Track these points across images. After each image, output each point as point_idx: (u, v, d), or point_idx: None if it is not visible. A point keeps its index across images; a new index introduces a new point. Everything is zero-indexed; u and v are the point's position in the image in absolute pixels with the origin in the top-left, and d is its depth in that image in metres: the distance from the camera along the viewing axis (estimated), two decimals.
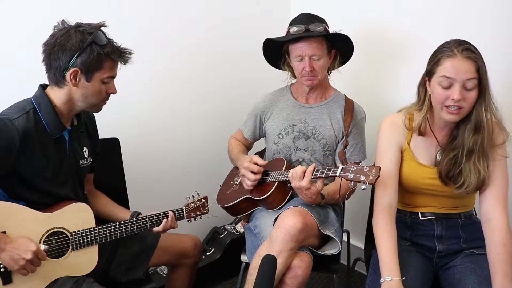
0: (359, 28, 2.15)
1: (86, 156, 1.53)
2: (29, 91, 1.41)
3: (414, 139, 1.53)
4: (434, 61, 1.39)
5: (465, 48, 1.34)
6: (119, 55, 1.38)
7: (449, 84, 1.35)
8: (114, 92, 1.43)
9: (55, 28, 1.36)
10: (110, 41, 1.36)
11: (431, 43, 1.45)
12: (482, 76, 1.34)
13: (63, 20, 1.36)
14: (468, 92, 1.35)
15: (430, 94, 1.44)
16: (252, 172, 1.75)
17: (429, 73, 1.42)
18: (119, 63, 1.40)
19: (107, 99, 1.45)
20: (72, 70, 1.32)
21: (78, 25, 1.35)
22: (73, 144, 1.47)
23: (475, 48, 1.36)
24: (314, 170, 1.55)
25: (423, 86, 1.47)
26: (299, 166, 1.59)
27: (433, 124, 1.51)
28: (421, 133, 1.50)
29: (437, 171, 1.48)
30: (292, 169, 1.59)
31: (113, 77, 1.41)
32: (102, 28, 1.36)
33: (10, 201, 1.34)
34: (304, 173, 1.55)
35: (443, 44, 1.40)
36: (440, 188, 1.49)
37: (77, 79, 1.34)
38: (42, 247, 1.32)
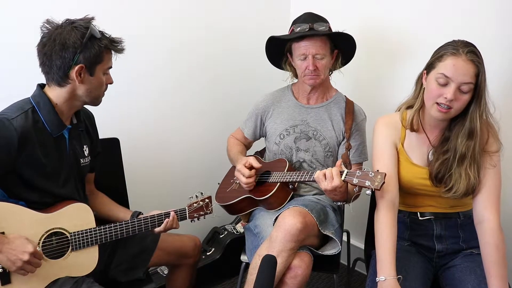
0: (359, 28, 2.14)
1: (86, 155, 1.53)
2: (26, 92, 1.41)
3: (408, 138, 1.53)
4: (437, 56, 1.38)
5: (470, 51, 1.33)
6: (115, 45, 1.40)
7: (446, 82, 1.34)
8: (112, 82, 1.46)
9: (43, 28, 1.33)
10: (102, 33, 1.38)
11: (432, 43, 1.45)
12: (481, 82, 1.34)
13: (48, 19, 1.34)
14: (462, 94, 1.35)
15: (424, 88, 1.43)
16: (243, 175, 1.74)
17: (429, 66, 1.41)
18: (113, 53, 1.42)
19: (106, 90, 1.47)
20: (76, 67, 1.32)
21: (71, 22, 1.34)
22: (73, 143, 1.47)
23: (480, 53, 1.35)
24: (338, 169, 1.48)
25: (420, 79, 1.47)
26: (324, 170, 1.48)
27: (424, 122, 1.51)
28: (413, 129, 1.49)
29: (427, 172, 1.48)
30: (318, 176, 1.49)
31: (111, 67, 1.44)
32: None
33: (9, 201, 1.33)
34: (332, 173, 1.46)
35: (449, 41, 1.40)
36: (432, 189, 1.49)
37: (82, 75, 1.35)
38: (38, 249, 1.31)
